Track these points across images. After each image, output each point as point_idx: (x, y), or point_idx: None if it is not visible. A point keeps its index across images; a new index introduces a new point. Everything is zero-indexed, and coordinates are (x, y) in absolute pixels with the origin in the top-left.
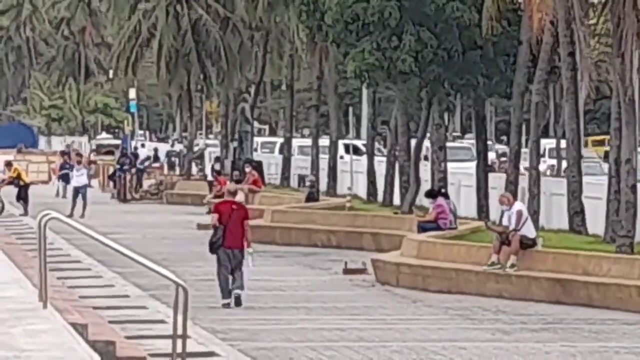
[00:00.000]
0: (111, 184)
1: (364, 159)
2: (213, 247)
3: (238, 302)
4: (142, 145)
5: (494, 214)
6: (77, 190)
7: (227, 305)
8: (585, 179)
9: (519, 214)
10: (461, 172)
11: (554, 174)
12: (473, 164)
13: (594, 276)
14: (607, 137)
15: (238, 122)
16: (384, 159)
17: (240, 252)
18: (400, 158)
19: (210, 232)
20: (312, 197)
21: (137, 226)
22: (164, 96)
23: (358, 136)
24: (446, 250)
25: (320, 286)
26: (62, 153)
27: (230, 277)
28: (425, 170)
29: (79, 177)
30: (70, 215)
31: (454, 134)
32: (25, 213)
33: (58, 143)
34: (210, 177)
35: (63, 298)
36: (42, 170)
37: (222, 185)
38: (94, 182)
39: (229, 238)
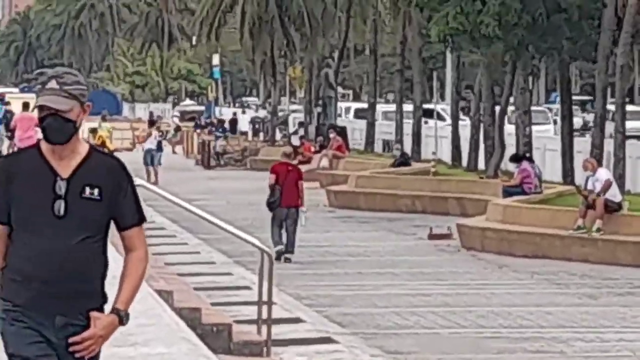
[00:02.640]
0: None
1: (448, 123)
2: (271, 206)
3: (287, 259)
4: (243, 112)
5: (579, 178)
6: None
7: (280, 252)
8: None
9: (606, 183)
10: (546, 136)
11: None
12: (549, 127)
13: None
14: None
15: (322, 88)
16: (468, 123)
17: (296, 210)
18: (484, 122)
19: None
20: (403, 162)
21: (222, 192)
22: (248, 62)
23: (442, 101)
24: (531, 215)
25: (405, 251)
26: (151, 122)
27: (283, 234)
28: (509, 134)
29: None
30: (155, 182)
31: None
32: None
33: (142, 110)
34: (294, 142)
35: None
36: (126, 137)
37: (307, 151)
38: (179, 149)
39: (286, 197)
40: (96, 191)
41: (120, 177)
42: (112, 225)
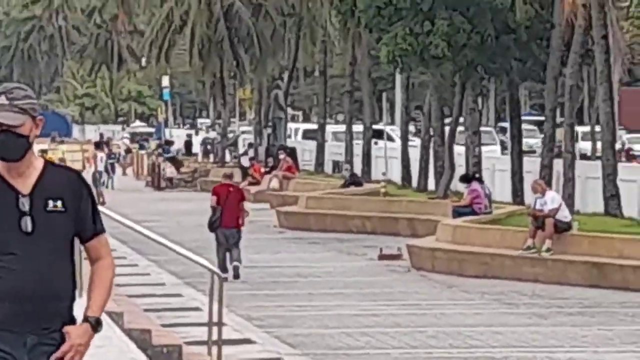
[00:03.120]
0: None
1: (397, 144)
2: (212, 226)
3: (236, 274)
4: (197, 134)
5: (528, 198)
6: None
7: (225, 280)
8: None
9: (554, 210)
10: (495, 157)
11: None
12: (496, 147)
13: (630, 259)
14: None
15: (271, 109)
16: (418, 143)
17: (237, 231)
18: (434, 143)
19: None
20: (353, 182)
21: (172, 214)
22: (197, 83)
23: (392, 122)
24: (481, 235)
25: (356, 272)
26: (97, 145)
27: (228, 254)
28: (459, 155)
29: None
30: (102, 203)
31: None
32: None
33: (92, 131)
34: (244, 163)
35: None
36: (76, 159)
37: (257, 172)
38: (129, 171)
39: (226, 218)
40: (59, 203)
41: (80, 187)
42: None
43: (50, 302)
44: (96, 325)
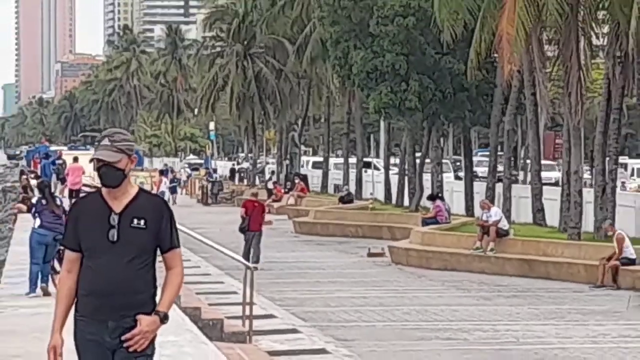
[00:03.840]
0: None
1: (381, 172)
2: (242, 230)
3: (256, 261)
4: (238, 164)
5: (477, 212)
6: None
7: (256, 269)
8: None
9: (495, 222)
10: (452, 181)
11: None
12: (450, 174)
13: (552, 257)
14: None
15: (289, 146)
16: (397, 171)
17: (259, 233)
18: (408, 171)
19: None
20: (348, 200)
21: (216, 223)
22: (235, 127)
23: (377, 156)
24: (442, 239)
25: (350, 266)
26: (161, 172)
27: (252, 250)
28: (426, 180)
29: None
30: None
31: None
32: None
33: (158, 163)
34: (269, 186)
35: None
36: (144, 183)
37: (279, 193)
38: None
39: (252, 224)
40: (142, 222)
41: (162, 211)
42: None
43: (126, 297)
44: (164, 318)
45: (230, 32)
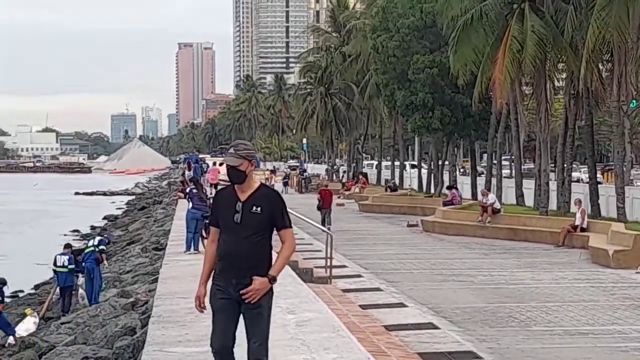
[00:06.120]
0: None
1: (416, 170)
2: (319, 208)
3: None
4: (333, 167)
5: (479, 197)
6: None
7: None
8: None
9: (492, 204)
10: (463, 177)
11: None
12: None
13: (529, 226)
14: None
15: (355, 154)
16: (426, 170)
17: (329, 211)
18: (433, 170)
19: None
20: (394, 189)
21: (307, 205)
22: (319, 141)
23: (414, 160)
24: (456, 214)
25: (396, 233)
26: (271, 171)
27: (325, 220)
28: (445, 175)
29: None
30: None
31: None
32: None
33: (269, 165)
34: (343, 180)
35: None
36: (261, 178)
37: (349, 185)
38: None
39: (325, 204)
40: (259, 209)
41: (276, 200)
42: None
43: (244, 262)
44: (272, 280)
45: (316, 79)
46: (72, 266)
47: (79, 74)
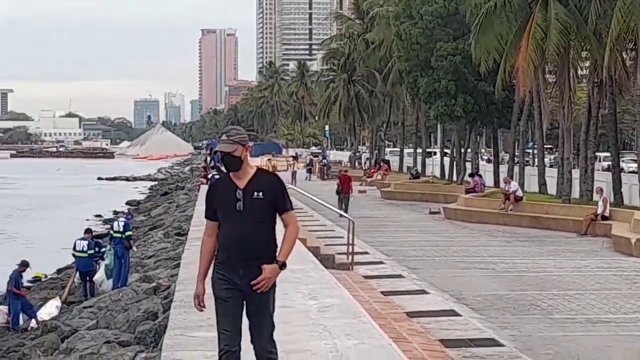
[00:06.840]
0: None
1: (438, 158)
2: (337, 193)
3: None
4: (356, 154)
5: (501, 184)
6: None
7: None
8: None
9: (514, 192)
10: (485, 165)
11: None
12: (482, 161)
13: (551, 214)
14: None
15: (377, 141)
16: (448, 158)
17: (348, 195)
18: (456, 157)
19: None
20: (416, 176)
21: (328, 191)
22: (342, 128)
23: (437, 146)
24: (479, 202)
25: (418, 220)
26: (293, 157)
27: (344, 204)
28: (468, 163)
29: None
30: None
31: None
32: None
33: (292, 151)
34: (365, 167)
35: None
36: (283, 165)
37: (372, 172)
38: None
39: (344, 189)
40: (261, 194)
41: (276, 185)
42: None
43: (250, 250)
44: (282, 266)
45: (339, 66)
46: (92, 251)
47: (102, 60)
